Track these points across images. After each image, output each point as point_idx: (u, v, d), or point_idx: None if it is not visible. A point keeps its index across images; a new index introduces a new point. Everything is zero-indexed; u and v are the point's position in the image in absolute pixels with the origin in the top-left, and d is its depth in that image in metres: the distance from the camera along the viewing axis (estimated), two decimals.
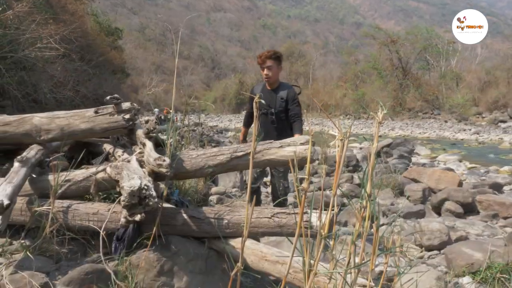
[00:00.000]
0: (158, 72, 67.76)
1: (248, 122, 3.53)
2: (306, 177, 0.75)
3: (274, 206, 3.31)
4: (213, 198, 3.87)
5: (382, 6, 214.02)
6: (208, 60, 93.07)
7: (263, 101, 0.83)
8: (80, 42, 13.62)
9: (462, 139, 17.37)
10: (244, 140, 3.58)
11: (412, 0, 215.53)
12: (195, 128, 17.05)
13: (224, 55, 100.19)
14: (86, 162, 3.33)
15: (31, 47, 9.31)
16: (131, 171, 1.60)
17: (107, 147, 2.96)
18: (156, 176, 1.82)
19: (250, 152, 1.94)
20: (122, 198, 1.37)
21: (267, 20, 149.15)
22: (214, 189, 4.34)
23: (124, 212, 1.47)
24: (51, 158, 3.16)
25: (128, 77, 34.17)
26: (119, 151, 2.68)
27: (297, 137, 1.94)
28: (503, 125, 21.91)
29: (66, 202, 2.03)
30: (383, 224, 3.81)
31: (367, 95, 34.54)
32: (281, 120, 3.19)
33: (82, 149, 3.22)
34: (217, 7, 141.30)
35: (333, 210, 0.84)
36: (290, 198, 4.61)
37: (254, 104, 0.77)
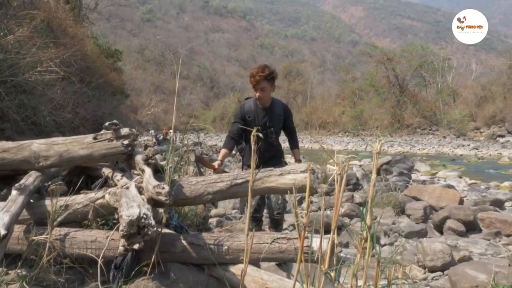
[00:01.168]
0: (157, 92, 68.36)
1: (231, 144, 2.97)
2: (306, 211, 0.74)
3: (271, 221, 3.23)
4: (213, 220, 3.83)
5: (377, 24, 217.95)
6: (207, 80, 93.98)
7: (261, 135, 0.83)
8: (80, 64, 13.76)
9: (461, 155, 17.38)
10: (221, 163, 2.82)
11: (406, 18, 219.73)
12: (194, 148, 17.06)
13: (223, 75, 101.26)
14: (85, 186, 3.31)
15: (31, 71, 9.40)
16: (130, 199, 1.59)
17: (106, 171, 2.94)
18: (155, 202, 1.81)
19: (250, 179, 1.94)
20: (120, 227, 1.35)
21: (265, 40, 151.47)
22: (213, 211, 4.30)
23: (123, 240, 1.45)
24: (50, 183, 3.14)
25: (128, 98, 34.40)
26: (118, 175, 2.67)
27: (297, 165, 1.94)
28: (501, 139, 21.97)
29: (63, 230, 2.01)
30: (384, 245, 3.77)
31: (365, 112, 34.76)
32: (278, 134, 3.15)
33: (81, 173, 3.21)
34: (215, 28, 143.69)
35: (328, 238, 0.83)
36: (291, 219, 4.57)
37: (251, 137, 0.77)
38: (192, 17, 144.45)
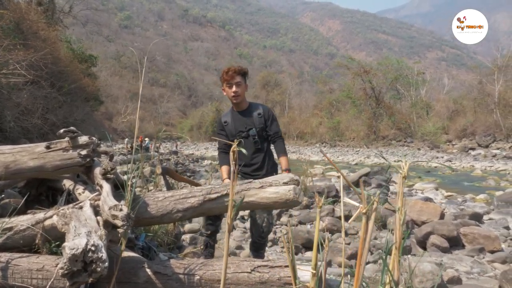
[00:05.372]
0: (134, 100, 67.07)
1: (227, 158, 2.86)
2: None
3: (252, 243, 2.92)
4: (186, 237, 3.53)
5: (353, 38, 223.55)
6: (185, 88, 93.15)
7: (244, 151, 0.61)
8: (51, 68, 13.19)
9: (435, 167, 17.65)
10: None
11: (382, 33, 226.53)
12: (170, 157, 16.61)
13: (201, 84, 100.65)
14: (46, 199, 2.96)
15: None
16: (81, 223, 1.31)
17: (67, 183, 2.63)
18: (114, 225, 1.53)
19: (225, 194, 1.69)
20: (60, 264, 1.08)
21: (244, 50, 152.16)
22: (187, 226, 3.99)
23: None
24: (2, 196, 2.80)
25: (103, 105, 33.51)
26: (79, 188, 2.37)
27: (280, 176, 1.71)
28: (472, 152, 22.55)
29: (5, 256, 1.69)
30: (368, 262, 3.58)
31: (342, 123, 35.15)
32: (264, 138, 2.89)
33: (41, 185, 2.88)
34: (194, 37, 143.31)
35: None
36: (271, 234, 4.33)
37: (231, 154, 0.54)
38: (171, 25, 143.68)
